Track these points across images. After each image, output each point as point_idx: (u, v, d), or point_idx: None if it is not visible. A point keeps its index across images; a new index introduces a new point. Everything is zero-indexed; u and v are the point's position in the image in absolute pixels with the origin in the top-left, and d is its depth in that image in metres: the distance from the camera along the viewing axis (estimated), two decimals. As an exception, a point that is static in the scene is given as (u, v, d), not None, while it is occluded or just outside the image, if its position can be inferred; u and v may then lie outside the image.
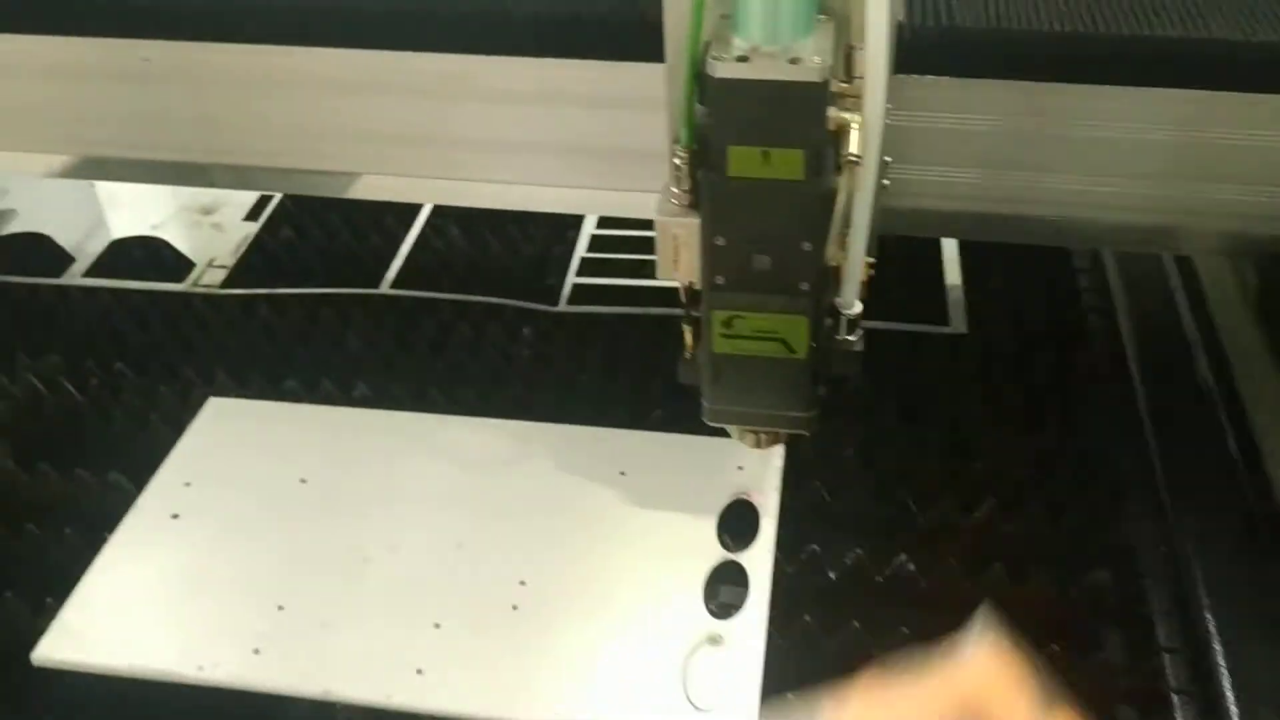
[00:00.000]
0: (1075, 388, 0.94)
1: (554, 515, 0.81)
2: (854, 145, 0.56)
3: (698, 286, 0.64)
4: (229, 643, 0.73)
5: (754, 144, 0.57)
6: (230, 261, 1.12)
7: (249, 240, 1.15)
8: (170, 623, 0.75)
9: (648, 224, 0.63)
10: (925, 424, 0.90)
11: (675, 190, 0.61)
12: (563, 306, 1.04)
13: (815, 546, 0.80)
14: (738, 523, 0.80)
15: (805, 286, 0.62)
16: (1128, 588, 0.79)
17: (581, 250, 1.10)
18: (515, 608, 0.75)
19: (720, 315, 0.65)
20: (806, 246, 0.61)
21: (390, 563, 0.78)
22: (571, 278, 1.07)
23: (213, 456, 0.87)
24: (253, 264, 1.12)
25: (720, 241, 0.61)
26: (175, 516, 0.82)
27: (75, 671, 0.74)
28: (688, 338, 0.70)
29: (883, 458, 0.87)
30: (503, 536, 0.80)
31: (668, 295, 0.97)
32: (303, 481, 0.85)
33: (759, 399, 0.69)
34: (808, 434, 0.71)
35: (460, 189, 0.88)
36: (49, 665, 0.74)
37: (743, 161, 0.58)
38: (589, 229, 1.13)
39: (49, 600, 0.79)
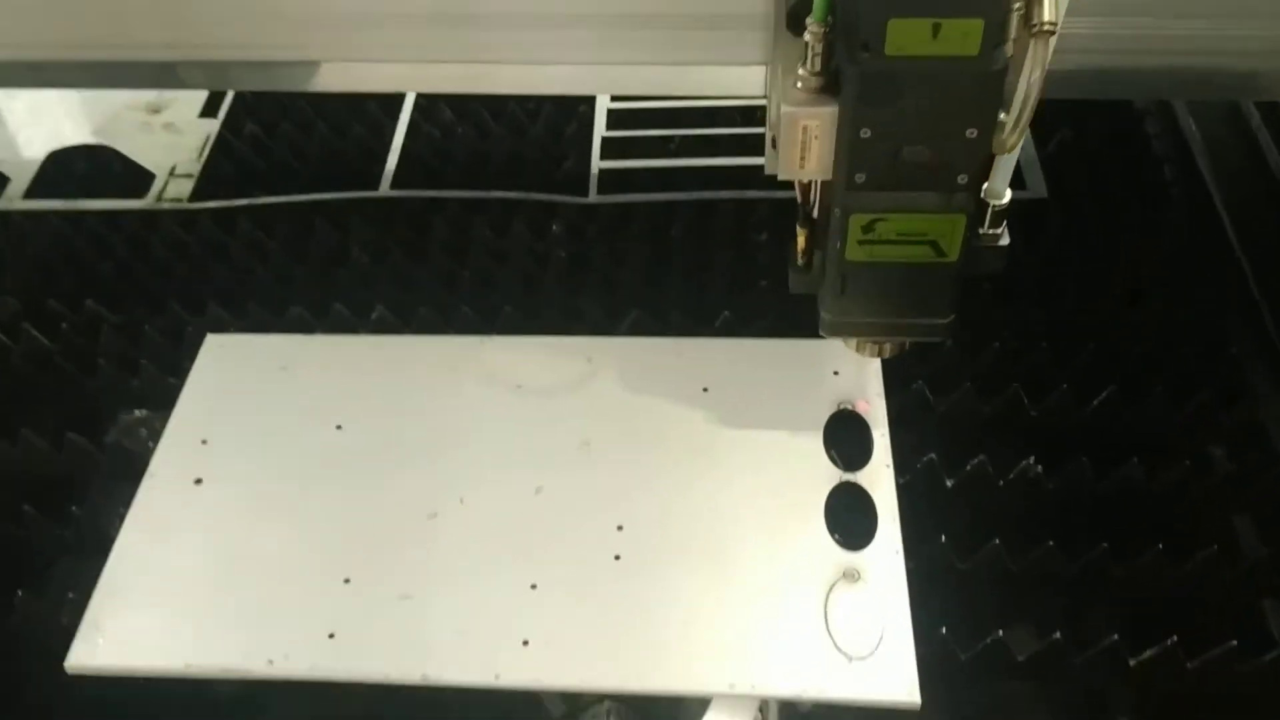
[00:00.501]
0: (1170, 251, 0.86)
1: (639, 445, 0.71)
2: (1048, 11, 0.46)
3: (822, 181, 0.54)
4: (297, 629, 0.63)
5: (922, 15, 0.46)
6: (195, 169, 0.97)
7: (210, 141, 1.00)
8: (220, 611, 0.64)
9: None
10: (1023, 302, 0.82)
11: (803, 73, 0.51)
12: (593, 196, 0.92)
13: (932, 455, 0.73)
14: (844, 436, 0.72)
15: (964, 180, 0.52)
16: (1264, 471, 0.73)
17: (601, 129, 0.97)
18: (618, 558, 0.66)
19: (860, 219, 0.55)
20: (971, 134, 0.51)
21: (462, 517, 0.68)
22: (596, 162, 0.94)
23: (227, 407, 0.75)
24: (221, 170, 0.97)
25: (866, 134, 0.51)
26: (198, 482, 0.71)
27: (116, 678, 0.63)
28: (801, 241, 0.60)
29: (984, 347, 0.79)
30: (586, 475, 0.70)
31: (709, 177, 0.87)
32: (339, 429, 0.74)
33: (893, 308, 0.60)
34: (944, 342, 0.62)
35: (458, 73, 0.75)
36: (85, 673, 0.63)
37: (904, 37, 0.47)
38: (604, 103, 1.00)
39: (70, 595, 0.68)
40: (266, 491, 0.70)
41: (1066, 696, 0.67)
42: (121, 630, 0.64)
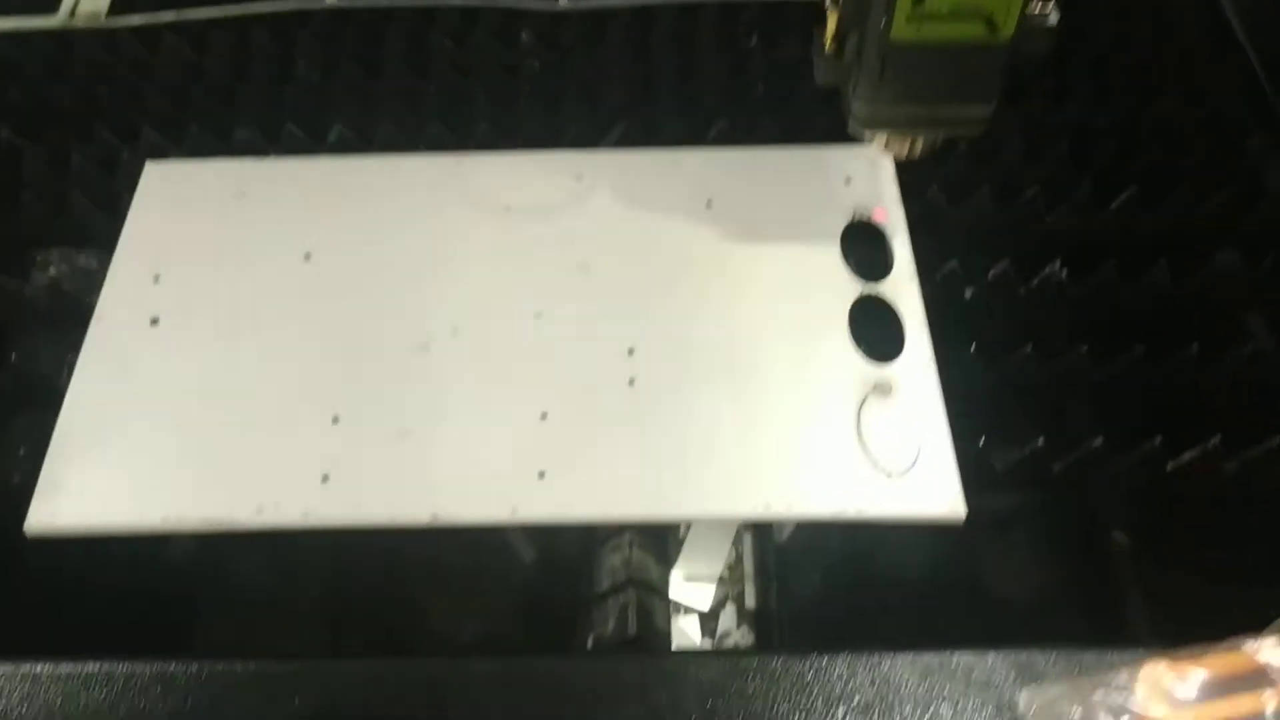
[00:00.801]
0: (1183, 44, 0.82)
1: (642, 265, 0.66)
2: None
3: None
4: (284, 474, 0.57)
5: None
6: (107, -19, 0.86)
7: (122, -49, 0.88)
8: (195, 460, 0.58)
9: None
10: (1037, 99, 0.77)
11: None
12: (564, 3, 0.83)
13: (954, 263, 0.68)
14: (862, 246, 0.67)
15: None
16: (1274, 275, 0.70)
17: (564, -76, 0.88)
18: (632, 383, 0.61)
19: None
20: None
21: (456, 348, 0.62)
22: (563, -35, 0.85)
23: (178, 239, 0.67)
24: (138, -18, 0.86)
25: None
26: (154, 322, 0.64)
27: (81, 538, 0.57)
28: (831, 25, 0.54)
29: (998, 149, 0.74)
30: (588, 297, 0.64)
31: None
32: (307, 258, 0.66)
33: (936, 95, 0.55)
34: (979, 134, 0.57)
35: None
36: (47, 535, 0.57)
37: None
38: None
39: (21, 451, 0.61)
40: (232, 329, 0.63)
41: (1104, 501, 0.65)
42: (85, 487, 0.57)
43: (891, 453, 0.58)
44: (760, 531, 0.91)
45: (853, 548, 0.86)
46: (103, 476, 0.57)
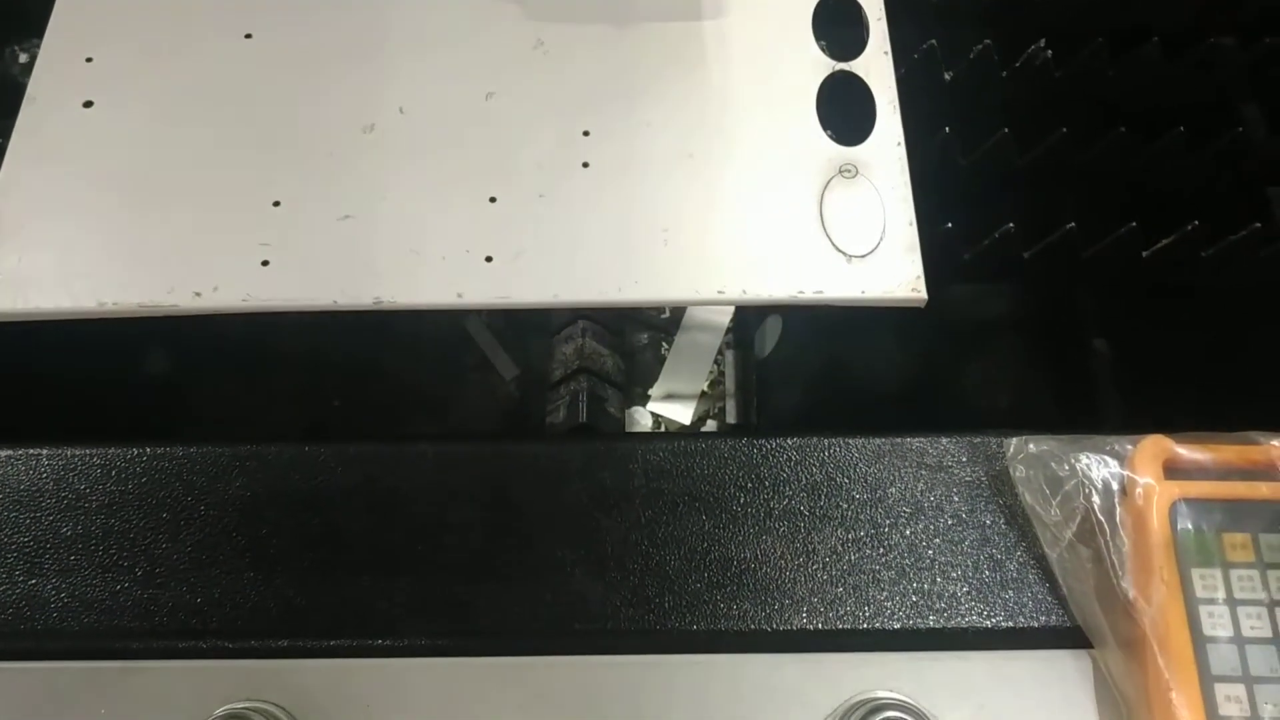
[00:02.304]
0: None
1: (600, 43, 0.62)
2: None
3: None
4: (224, 258, 0.55)
5: None
6: None
7: None
8: (133, 244, 0.56)
9: None
10: None
11: None
12: None
13: (932, 41, 0.64)
14: (833, 21, 0.63)
15: None
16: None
17: None
18: (586, 165, 0.58)
19: None
20: None
21: (403, 128, 0.59)
22: None
23: (110, 18, 0.64)
24: None
25: None
26: (88, 105, 0.61)
27: (17, 323, 0.56)
28: None
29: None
30: (543, 77, 0.61)
31: None
32: (248, 38, 0.63)
33: None
34: None
35: None
36: (-13, 318, 0.55)
37: None
38: None
39: (-49, 236, 0.59)
40: (170, 111, 0.60)
41: (1077, 291, 0.63)
42: (20, 271, 0.56)
43: (853, 235, 0.56)
44: (742, 348, 0.90)
45: (834, 363, 0.85)
46: (37, 262, 0.56)
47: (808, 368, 0.85)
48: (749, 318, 0.81)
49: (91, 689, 0.47)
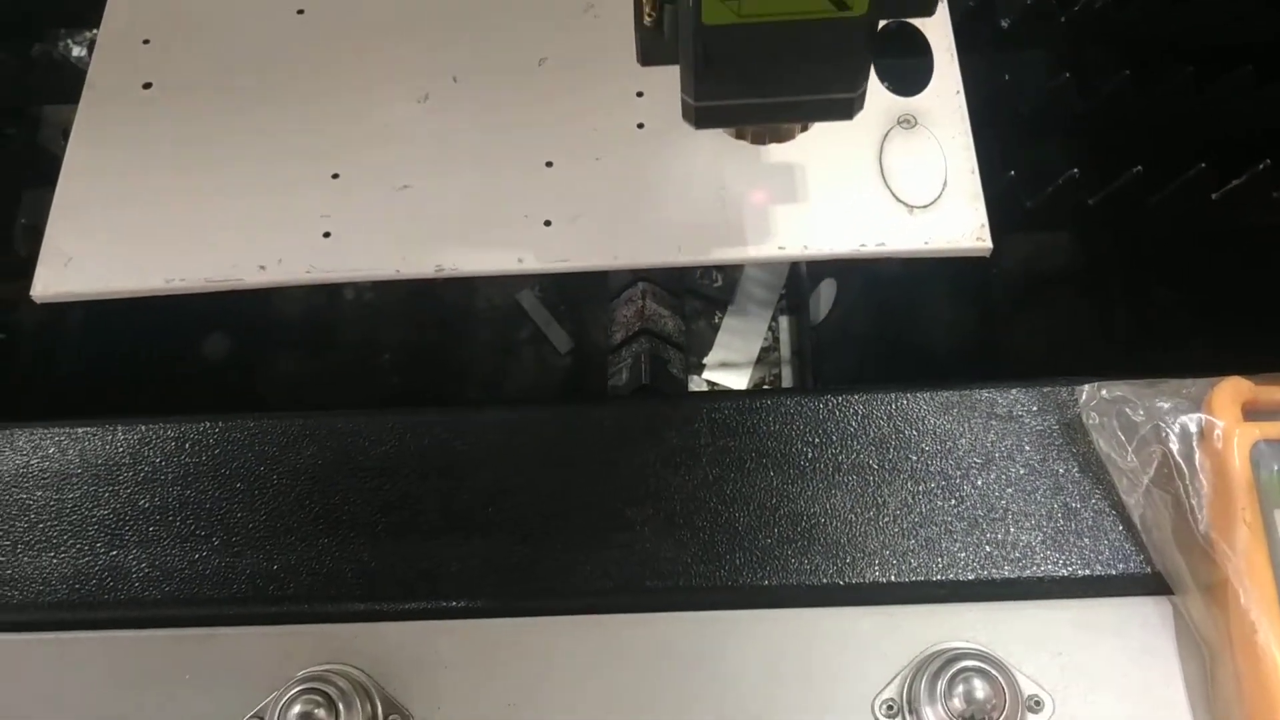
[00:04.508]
0: None
1: None
2: None
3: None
4: (286, 231, 0.56)
5: None
6: None
7: None
8: (196, 222, 0.57)
9: None
10: None
11: None
12: None
13: (987, -14, 0.63)
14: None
15: None
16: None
17: None
18: (641, 126, 0.58)
19: None
20: None
21: (457, 97, 0.60)
22: None
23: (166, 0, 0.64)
24: None
25: None
26: (147, 86, 0.61)
27: (86, 302, 0.57)
28: None
29: None
30: (594, 40, 0.61)
31: None
32: (300, 13, 0.63)
33: (780, 83, 0.43)
34: (849, 120, 0.49)
35: None
36: (54, 300, 0.56)
37: None
38: None
39: (22, 221, 0.60)
40: (227, 89, 0.61)
41: (1141, 238, 0.61)
42: (88, 251, 0.57)
43: (915, 186, 0.55)
44: (797, 314, 0.89)
45: (890, 324, 0.84)
46: (104, 242, 0.57)
47: (863, 330, 0.85)
48: (803, 282, 0.81)
49: (175, 656, 0.48)
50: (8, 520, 0.50)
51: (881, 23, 0.59)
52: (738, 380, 0.86)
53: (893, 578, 0.48)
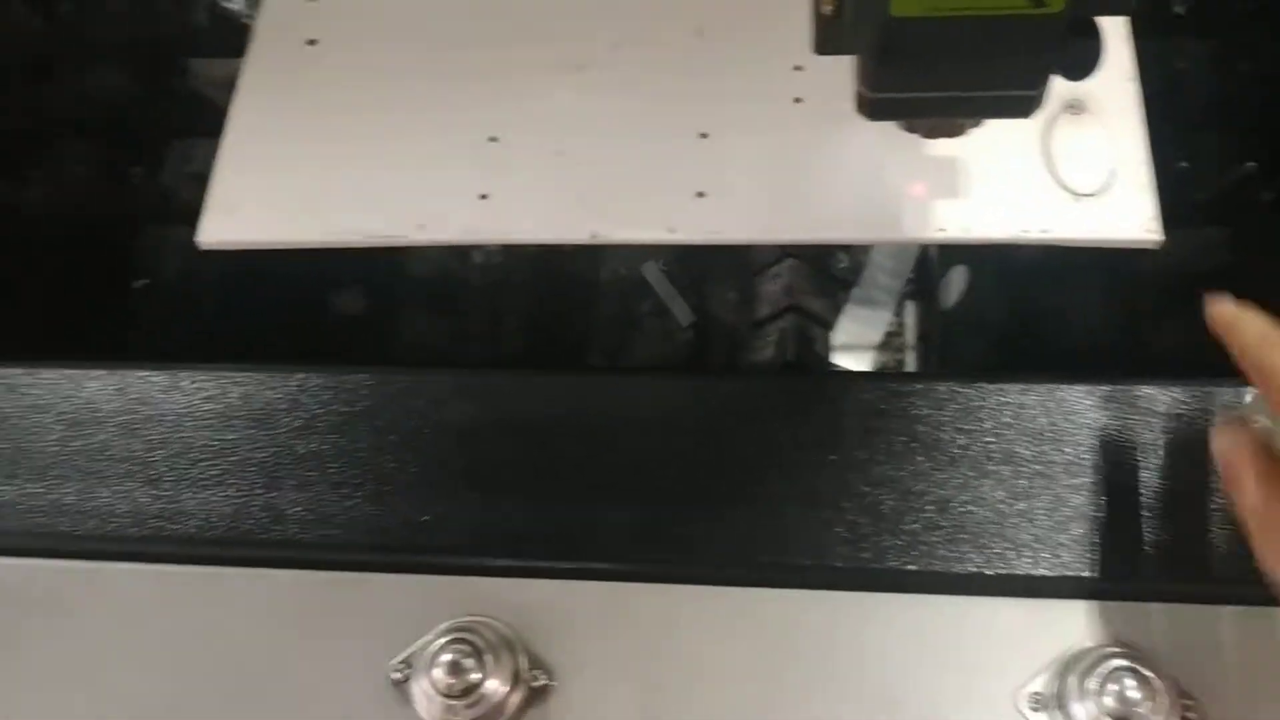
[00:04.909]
0: None
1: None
2: None
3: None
4: (444, 191, 0.57)
5: None
6: None
7: None
8: (356, 178, 0.58)
9: None
10: None
11: None
12: None
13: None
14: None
15: None
16: None
17: None
18: (798, 100, 0.57)
19: None
20: None
21: (614, 65, 0.60)
22: None
23: (332, -43, 0.66)
24: None
25: None
26: (312, 43, 0.63)
27: (246, 251, 0.58)
28: None
29: None
30: (753, 12, 0.60)
31: None
32: (463, -24, 0.64)
33: (960, 78, 0.43)
34: (1026, 118, 0.46)
35: None
36: (219, 248, 0.58)
37: None
38: None
39: (189, 169, 0.62)
40: (391, 48, 0.62)
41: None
42: (252, 201, 0.58)
43: (1081, 173, 0.53)
44: (925, 298, 0.87)
45: (1024, 317, 0.82)
46: (267, 192, 0.58)
47: (995, 319, 0.83)
48: (932, 267, 0.79)
49: (328, 598, 0.49)
50: (172, 457, 0.52)
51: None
52: (860, 364, 0.85)
53: (1044, 571, 0.47)
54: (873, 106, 0.44)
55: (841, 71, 0.56)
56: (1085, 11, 0.39)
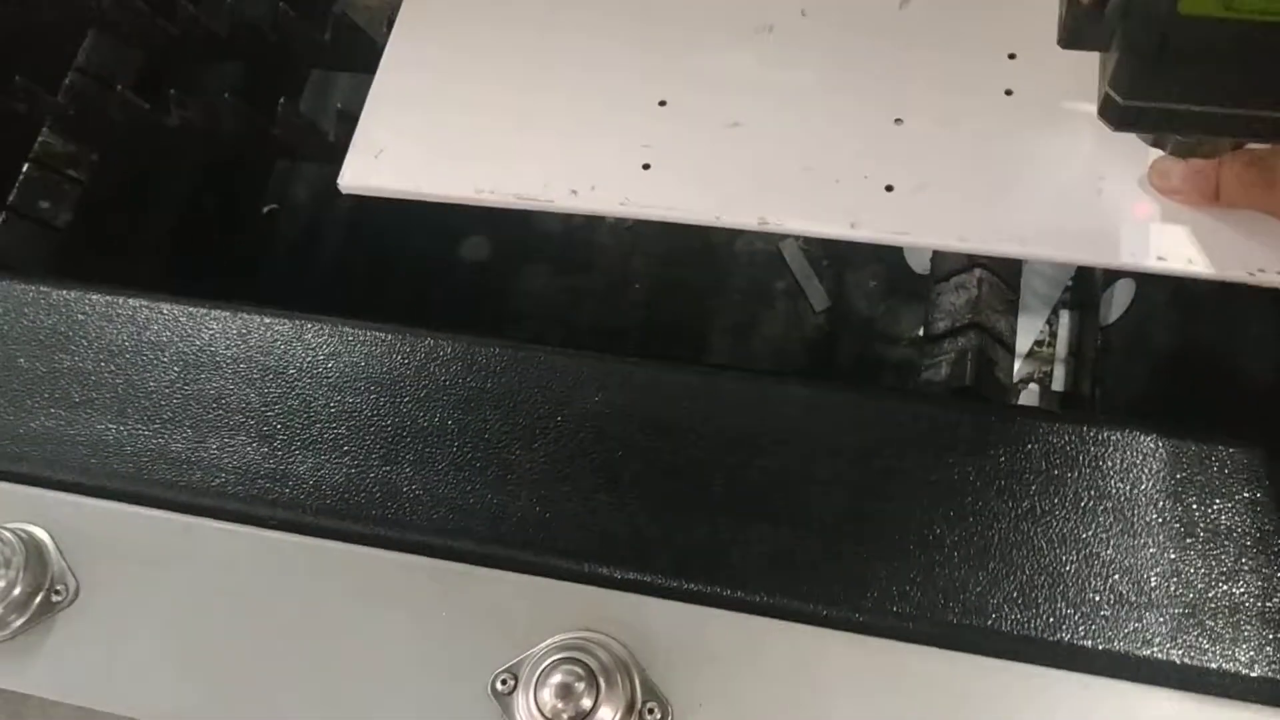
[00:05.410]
0: None
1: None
2: None
3: None
4: (604, 156, 0.52)
5: None
6: None
7: None
8: (512, 133, 0.54)
9: None
10: None
11: None
12: None
13: None
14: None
15: None
16: None
17: None
18: (1009, 93, 0.51)
19: None
20: None
21: (805, 31, 0.54)
22: None
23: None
24: None
25: None
26: (474, -19, 0.58)
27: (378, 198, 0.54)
28: None
29: None
30: (966, -14, 0.54)
31: None
32: (645, -81, 0.58)
33: (1237, 92, 0.36)
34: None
35: None
36: (360, 193, 0.54)
37: None
38: None
39: (338, 106, 0.58)
40: (560, -3, 0.57)
41: None
42: (401, 147, 0.54)
43: None
44: (1083, 309, 0.80)
45: (1192, 339, 0.74)
46: (418, 140, 0.54)
47: (1162, 343, 0.75)
48: (1095, 278, 0.72)
49: (432, 588, 0.46)
50: (287, 414, 0.49)
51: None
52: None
53: (1239, 667, 0.41)
54: (1123, 114, 0.37)
55: (1060, 65, 0.50)
56: None
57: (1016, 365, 0.82)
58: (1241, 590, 0.42)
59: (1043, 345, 0.83)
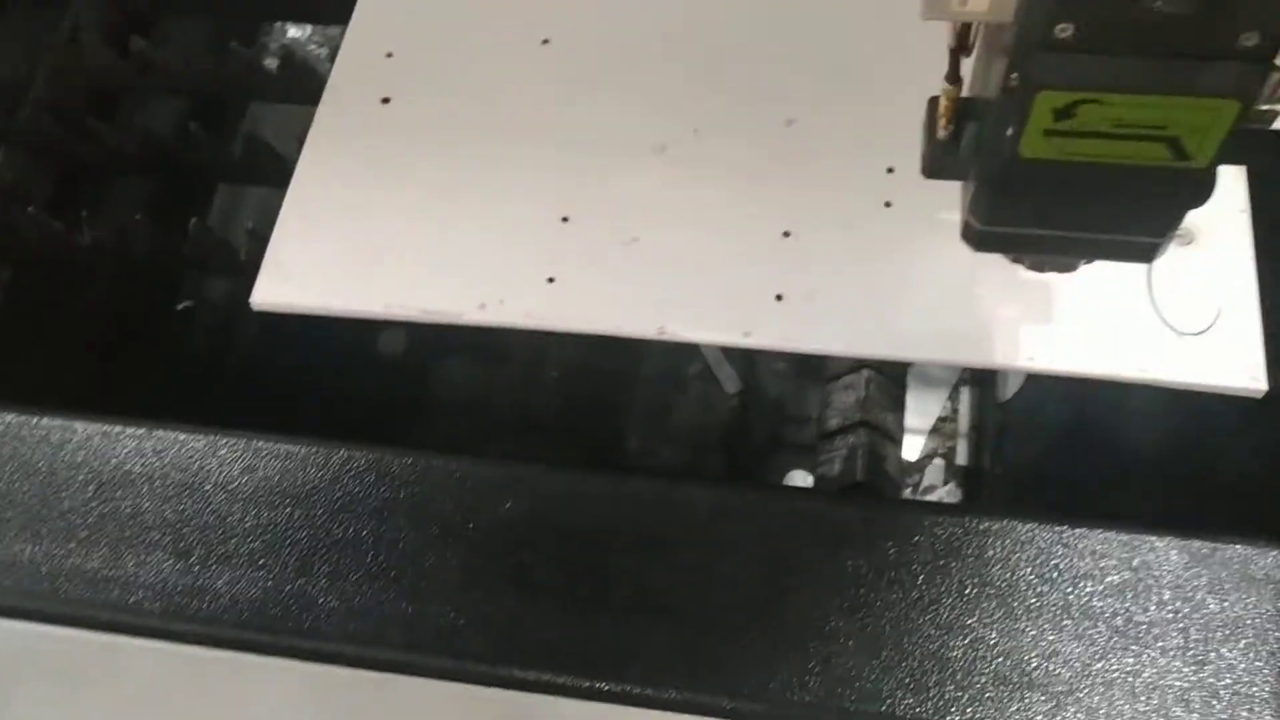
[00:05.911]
0: None
1: (916, 72, 0.58)
2: None
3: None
4: (510, 271, 0.55)
5: None
6: None
7: None
8: (421, 248, 0.56)
9: None
10: None
11: None
12: None
13: None
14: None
15: (1253, 41, 0.32)
16: None
17: None
18: (888, 205, 0.55)
19: (1052, 99, 0.35)
20: None
21: (697, 151, 0.57)
22: None
23: (413, 14, 0.64)
24: None
25: None
26: (385, 101, 0.61)
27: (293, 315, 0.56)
28: (946, 103, 0.41)
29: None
30: (849, 107, 0.57)
31: None
32: (545, 43, 0.62)
33: (1083, 221, 0.41)
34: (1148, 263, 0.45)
35: None
36: (272, 310, 0.56)
37: None
38: None
39: (249, 226, 0.60)
40: (466, 113, 0.60)
41: None
42: (310, 265, 0.56)
43: (1185, 310, 0.50)
44: (982, 387, 0.84)
45: (1085, 414, 0.79)
46: (328, 257, 0.56)
47: (1056, 418, 0.80)
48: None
49: (349, 697, 0.47)
50: (204, 530, 0.50)
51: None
52: (909, 447, 0.82)
53: (1120, 745, 0.44)
54: (981, 238, 0.41)
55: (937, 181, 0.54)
56: (1228, 163, 0.36)
57: (921, 441, 0.86)
58: (1114, 668, 0.45)
59: (946, 421, 0.87)
